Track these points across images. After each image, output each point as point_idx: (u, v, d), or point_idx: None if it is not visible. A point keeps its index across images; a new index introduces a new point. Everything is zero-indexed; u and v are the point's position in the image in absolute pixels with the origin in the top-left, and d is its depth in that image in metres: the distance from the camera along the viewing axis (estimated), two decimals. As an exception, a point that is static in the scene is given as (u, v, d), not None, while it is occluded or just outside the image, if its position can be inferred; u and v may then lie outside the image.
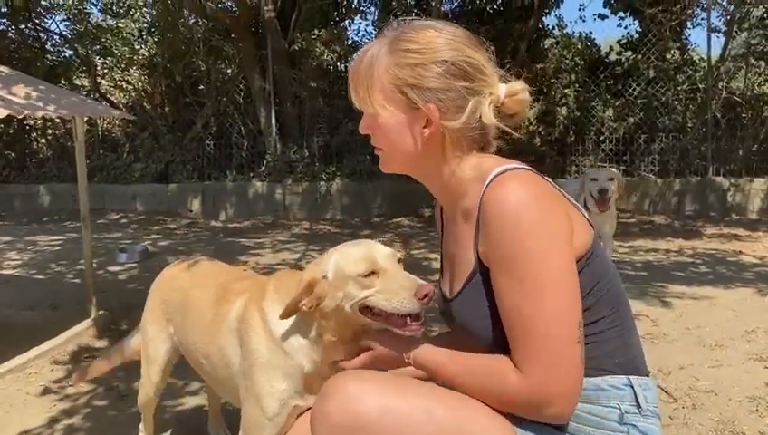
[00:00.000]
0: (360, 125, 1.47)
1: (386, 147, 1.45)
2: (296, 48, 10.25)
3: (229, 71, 11.89)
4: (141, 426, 2.46)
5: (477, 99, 1.35)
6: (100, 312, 4.29)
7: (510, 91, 1.39)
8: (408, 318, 1.41)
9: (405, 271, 1.47)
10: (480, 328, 1.34)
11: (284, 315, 1.51)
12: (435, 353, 1.38)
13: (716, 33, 10.57)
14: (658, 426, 1.37)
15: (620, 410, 1.32)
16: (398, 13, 12.62)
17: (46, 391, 3.22)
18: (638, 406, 1.33)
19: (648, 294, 4.87)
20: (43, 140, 13.23)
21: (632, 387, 1.34)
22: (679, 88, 10.54)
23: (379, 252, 1.50)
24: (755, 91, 10.64)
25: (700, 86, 10.52)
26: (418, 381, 1.38)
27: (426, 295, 1.38)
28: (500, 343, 1.28)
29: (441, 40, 1.36)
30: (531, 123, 11.50)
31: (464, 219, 1.39)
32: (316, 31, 10.21)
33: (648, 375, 1.41)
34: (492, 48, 1.44)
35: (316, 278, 1.50)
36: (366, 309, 1.45)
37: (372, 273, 1.44)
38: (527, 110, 1.44)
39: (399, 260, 1.51)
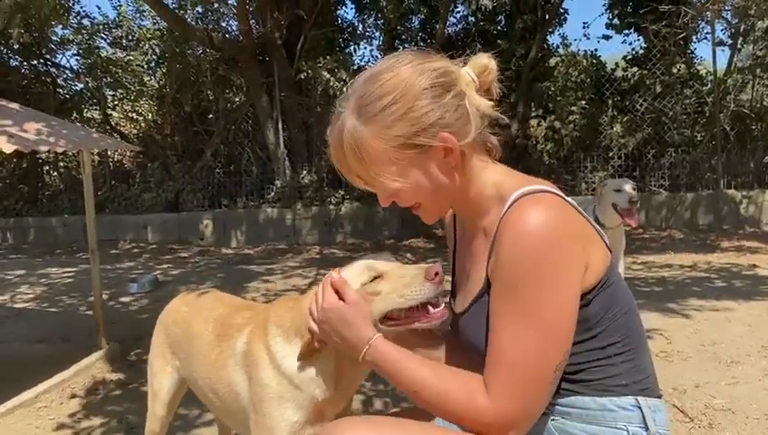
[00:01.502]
0: (380, 201, 1.39)
1: (423, 200, 1.36)
2: (302, 76, 10.36)
3: (237, 99, 12.03)
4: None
5: (466, 98, 1.29)
6: (111, 343, 4.29)
7: (478, 69, 1.33)
8: (430, 307, 1.37)
9: (408, 265, 1.44)
10: (484, 346, 1.31)
11: (303, 357, 1.50)
12: (394, 350, 1.32)
13: (722, 47, 10.58)
14: None
15: (628, 431, 1.28)
16: (404, 36, 12.77)
17: (59, 427, 3.20)
18: (647, 428, 1.29)
19: (661, 310, 4.80)
20: (56, 173, 13.40)
21: (640, 408, 1.30)
22: (687, 102, 10.52)
23: (376, 259, 1.48)
24: (764, 103, 10.60)
25: (708, 100, 10.50)
26: (425, 423, 1.36)
27: (436, 274, 1.34)
28: None
29: (404, 74, 1.27)
30: (538, 141, 11.51)
31: (482, 236, 1.36)
32: (321, 59, 10.31)
33: (659, 398, 1.37)
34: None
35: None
36: (384, 319, 1.40)
37: (376, 278, 1.41)
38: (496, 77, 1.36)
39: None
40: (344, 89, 10.41)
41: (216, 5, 11.70)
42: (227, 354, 1.78)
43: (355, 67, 11.79)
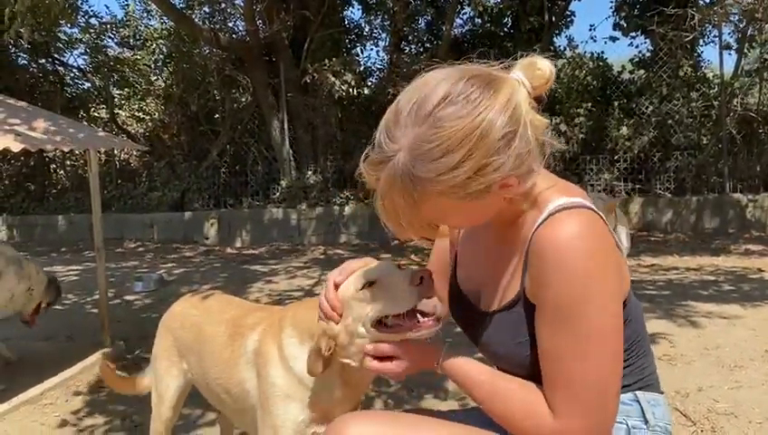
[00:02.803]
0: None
1: (456, 224, 1.35)
2: (308, 78, 10.39)
3: (243, 99, 12.06)
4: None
5: (528, 130, 1.16)
6: (116, 341, 4.31)
7: (537, 81, 1.21)
8: (419, 316, 1.36)
9: (405, 269, 1.42)
10: (508, 353, 1.33)
11: (313, 372, 1.48)
12: (464, 365, 1.34)
13: (729, 50, 10.55)
14: None
15: (627, 425, 1.31)
16: (410, 38, 12.78)
17: (63, 423, 3.22)
18: (646, 421, 1.31)
19: (666, 313, 4.79)
20: (62, 172, 13.47)
21: (639, 402, 1.32)
22: (693, 105, 10.49)
23: (374, 263, 1.48)
24: (772, 107, 10.57)
25: (714, 103, 10.47)
26: (426, 418, 1.36)
27: (421, 279, 1.32)
28: (529, 371, 1.28)
29: (473, 123, 1.11)
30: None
31: (510, 239, 1.32)
32: (327, 60, 10.33)
33: (661, 393, 1.39)
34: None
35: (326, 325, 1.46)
36: (379, 325, 1.40)
37: (370, 284, 1.40)
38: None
39: (400, 266, 1.46)
40: (351, 91, 10.45)
41: (223, 6, 11.74)
42: (239, 353, 1.80)
43: (361, 68, 11.82)
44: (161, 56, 12.86)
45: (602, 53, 11.77)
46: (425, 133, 1.12)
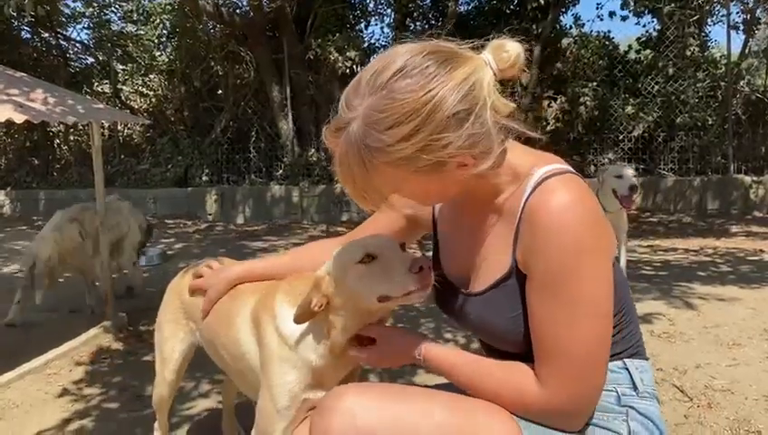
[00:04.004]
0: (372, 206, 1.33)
1: (413, 198, 1.33)
2: (312, 54, 10.32)
3: (246, 75, 12.00)
4: (156, 425, 2.49)
5: (487, 112, 1.16)
6: (119, 314, 4.35)
7: (503, 63, 1.20)
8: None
9: (406, 251, 1.44)
10: (504, 330, 1.33)
11: (298, 320, 1.51)
12: (447, 353, 1.37)
13: (736, 30, 10.44)
14: (657, 407, 1.37)
15: (617, 392, 1.32)
16: (415, 14, 12.66)
17: (65, 392, 3.27)
18: (635, 388, 1.33)
19: (665, 292, 4.80)
20: (66, 147, 13.47)
21: (627, 370, 1.34)
22: (699, 85, 10.42)
23: (375, 238, 1.50)
24: (778, 88, 10.50)
25: (721, 83, 10.39)
26: (418, 387, 1.38)
27: (420, 268, 1.32)
28: (523, 347, 1.28)
29: (426, 96, 1.11)
30: (548, 123, 11.44)
31: (497, 215, 1.32)
32: (331, 36, 10.26)
33: (646, 360, 1.41)
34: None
35: (321, 276, 1.50)
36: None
37: (369, 257, 1.42)
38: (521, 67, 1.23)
39: (403, 247, 1.48)
40: (354, 68, 10.39)
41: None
42: (238, 315, 1.84)
43: (365, 45, 11.73)
44: (165, 31, 12.77)
45: (609, 31, 11.68)
46: (377, 103, 1.13)
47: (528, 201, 1.22)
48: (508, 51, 1.20)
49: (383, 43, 12.76)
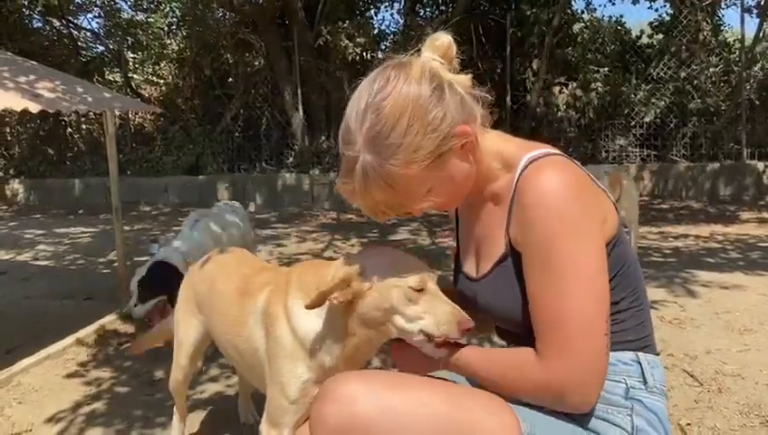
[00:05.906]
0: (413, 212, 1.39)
1: (447, 195, 1.37)
2: (322, 40, 10.31)
3: (257, 63, 12.01)
4: (175, 409, 2.54)
5: (455, 84, 1.32)
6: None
7: (441, 51, 1.35)
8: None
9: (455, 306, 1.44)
10: (507, 309, 1.35)
11: (311, 306, 1.48)
12: (461, 350, 1.38)
13: (750, 14, 10.30)
14: (665, 404, 1.36)
15: (626, 384, 1.32)
16: (425, 1, 12.59)
17: (81, 377, 3.33)
18: (645, 382, 1.33)
19: (676, 279, 4.80)
20: (78, 136, 13.55)
21: (639, 363, 1.34)
22: (712, 70, 10.32)
23: (426, 270, 1.46)
24: (792, 72, 10.36)
25: (734, 68, 10.28)
26: (422, 377, 1.38)
27: (467, 330, 1.35)
28: (527, 325, 1.29)
29: (403, 91, 1.27)
30: (560, 109, 11.39)
31: (493, 202, 1.39)
32: (341, 22, 10.23)
33: (657, 355, 1.41)
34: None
35: (352, 274, 1.45)
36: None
37: (421, 290, 1.41)
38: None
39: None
40: (364, 54, 10.36)
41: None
42: (248, 311, 1.83)
43: (375, 31, 11.70)
44: (175, 19, 12.78)
45: (621, 16, 11.58)
46: (371, 123, 1.27)
47: (518, 183, 1.29)
48: (439, 39, 1.36)
49: (393, 30, 12.71)
